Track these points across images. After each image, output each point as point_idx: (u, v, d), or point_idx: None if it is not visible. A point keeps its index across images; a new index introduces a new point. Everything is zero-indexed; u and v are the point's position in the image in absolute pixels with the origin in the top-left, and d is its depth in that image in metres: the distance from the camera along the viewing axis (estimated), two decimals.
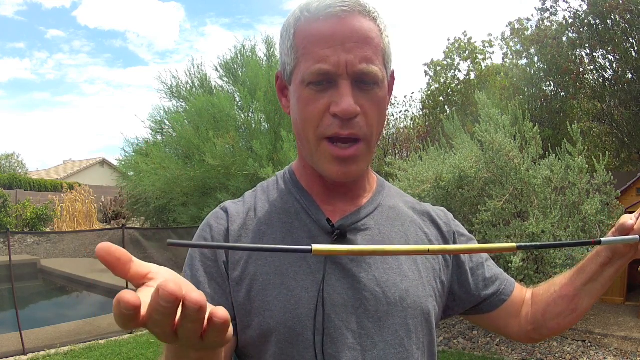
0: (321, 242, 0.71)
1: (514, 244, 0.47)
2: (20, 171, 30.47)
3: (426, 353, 0.73)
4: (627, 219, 0.66)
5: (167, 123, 10.07)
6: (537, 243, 0.51)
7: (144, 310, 0.36)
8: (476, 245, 0.49)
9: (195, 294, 0.36)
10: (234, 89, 9.50)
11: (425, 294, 0.73)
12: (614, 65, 9.14)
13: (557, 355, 4.34)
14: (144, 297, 0.37)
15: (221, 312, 0.38)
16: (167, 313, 0.36)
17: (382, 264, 0.71)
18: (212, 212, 0.78)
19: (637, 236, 0.62)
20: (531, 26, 11.00)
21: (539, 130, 4.85)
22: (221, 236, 0.73)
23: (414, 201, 0.85)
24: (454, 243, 0.82)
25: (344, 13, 0.65)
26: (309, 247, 0.41)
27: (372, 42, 0.66)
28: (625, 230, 0.66)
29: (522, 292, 0.85)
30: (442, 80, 14.04)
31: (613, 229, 0.69)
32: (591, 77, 9.57)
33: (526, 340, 0.85)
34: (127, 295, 0.35)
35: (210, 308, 0.38)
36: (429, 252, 0.45)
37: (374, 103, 0.68)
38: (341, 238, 0.71)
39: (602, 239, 0.57)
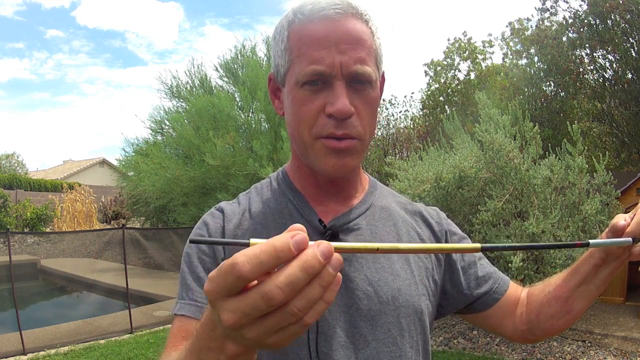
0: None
1: (478, 245, 0.44)
2: (20, 171, 30.48)
3: (420, 352, 0.74)
4: (620, 219, 0.64)
5: (167, 123, 10.07)
6: (506, 244, 0.47)
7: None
8: (436, 245, 0.47)
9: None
10: (234, 89, 9.51)
11: (417, 293, 0.73)
12: (614, 65, 9.13)
13: (557, 355, 4.34)
14: None
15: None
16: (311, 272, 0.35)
17: (373, 264, 0.72)
18: (208, 211, 0.80)
19: (629, 239, 0.59)
20: (531, 26, 10.99)
21: (539, 130, 4.84)
22: (218, 234, 0.74)
23: (406, 201, 0.86)
24: (446, 242, 0.82)
25: (338, 15, 0.66)
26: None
27: (365, 44, 0.67)
28: (618, 231, 0.64)
29: (517, 292, 0.85)
30: (442, 80, 14.02)
31: (606, 230, 0.67)
32: (591, 77, 9.56)
33: (521, 341, 0.84)
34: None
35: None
36: (377, 250, 0.42)
37: (367, 103, 0.69)
38: (333, 238, 0.71)
39: (590, 240, 0.54)
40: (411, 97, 20.31)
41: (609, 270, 0.71)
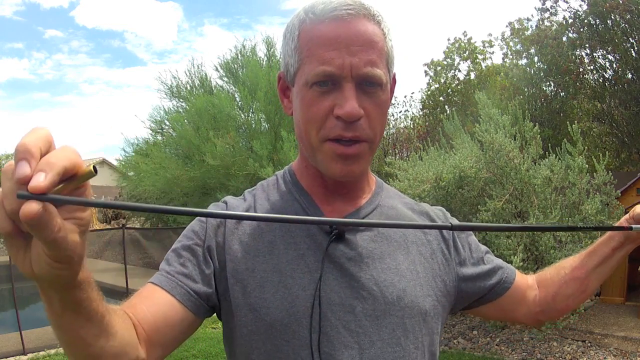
0: (319, 242, 0.71)
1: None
2: None
3: (425, 353, 0.73)
4: None
5: (167, 123, 10.07)
6: (483, 224, 0.59)
7: None
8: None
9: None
10: (234, 89, 9.50)
11: (422, 294, 0.73)
12: (614, 65, 9.15)
13: (557, 355, 4.34)
14: None
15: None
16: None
17: (379, 264, 0.72)
18: (213, 203, 0.80)
19: None
20: (531, 26, 11.00)
21: (539, 130, 4.84)
22: (216, 226, 0.74)
23: (412, 202, 0.86)
24: (454, 242, 0.82)
25: (349, 16, 0.65)
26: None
27: (376, 46, 0.67)
28: None
29: (525, 279, 0.88)
30: (442, 80, 14.01)
31: (625, 217, 0.75)
32: (591, 77, 9.58)
33: (533, 323, 0.90)
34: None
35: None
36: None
37: (377, 106, 0.68)
38: (339, 238, 0.71)
39: (633, 225, 0.66)
40: (411, 97, 20.23)
41: (624, 252, 0.79)
